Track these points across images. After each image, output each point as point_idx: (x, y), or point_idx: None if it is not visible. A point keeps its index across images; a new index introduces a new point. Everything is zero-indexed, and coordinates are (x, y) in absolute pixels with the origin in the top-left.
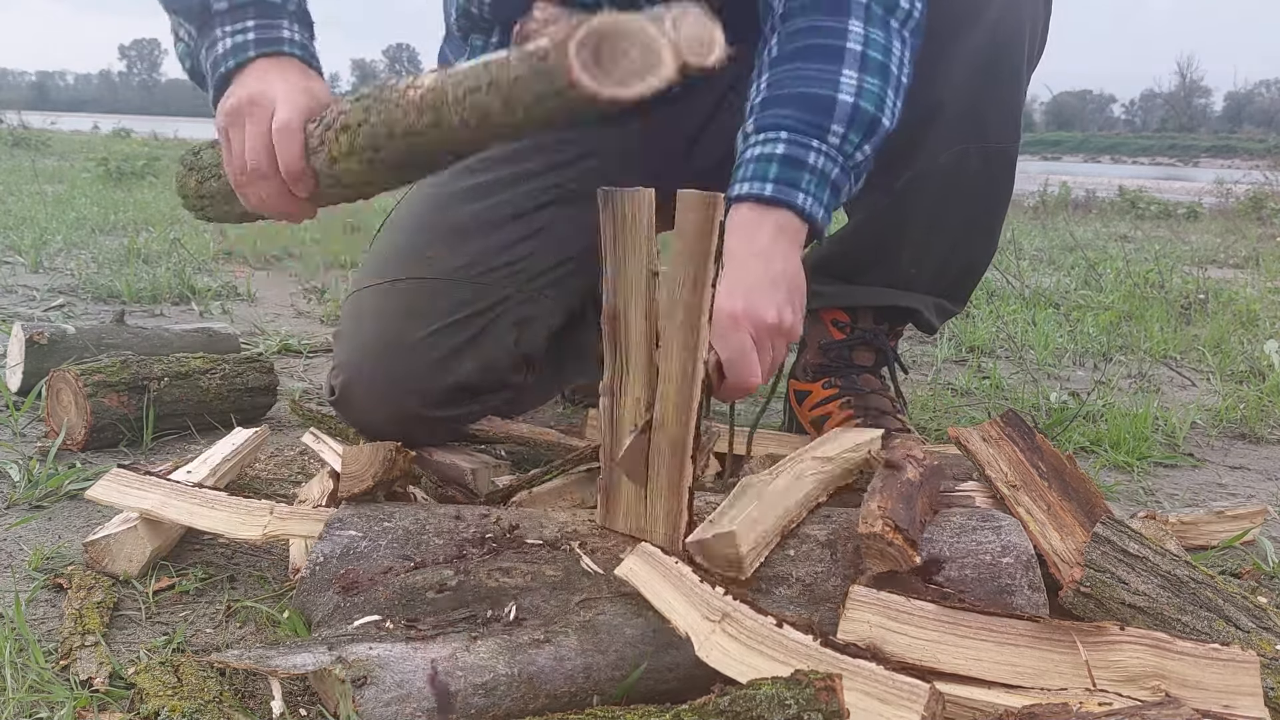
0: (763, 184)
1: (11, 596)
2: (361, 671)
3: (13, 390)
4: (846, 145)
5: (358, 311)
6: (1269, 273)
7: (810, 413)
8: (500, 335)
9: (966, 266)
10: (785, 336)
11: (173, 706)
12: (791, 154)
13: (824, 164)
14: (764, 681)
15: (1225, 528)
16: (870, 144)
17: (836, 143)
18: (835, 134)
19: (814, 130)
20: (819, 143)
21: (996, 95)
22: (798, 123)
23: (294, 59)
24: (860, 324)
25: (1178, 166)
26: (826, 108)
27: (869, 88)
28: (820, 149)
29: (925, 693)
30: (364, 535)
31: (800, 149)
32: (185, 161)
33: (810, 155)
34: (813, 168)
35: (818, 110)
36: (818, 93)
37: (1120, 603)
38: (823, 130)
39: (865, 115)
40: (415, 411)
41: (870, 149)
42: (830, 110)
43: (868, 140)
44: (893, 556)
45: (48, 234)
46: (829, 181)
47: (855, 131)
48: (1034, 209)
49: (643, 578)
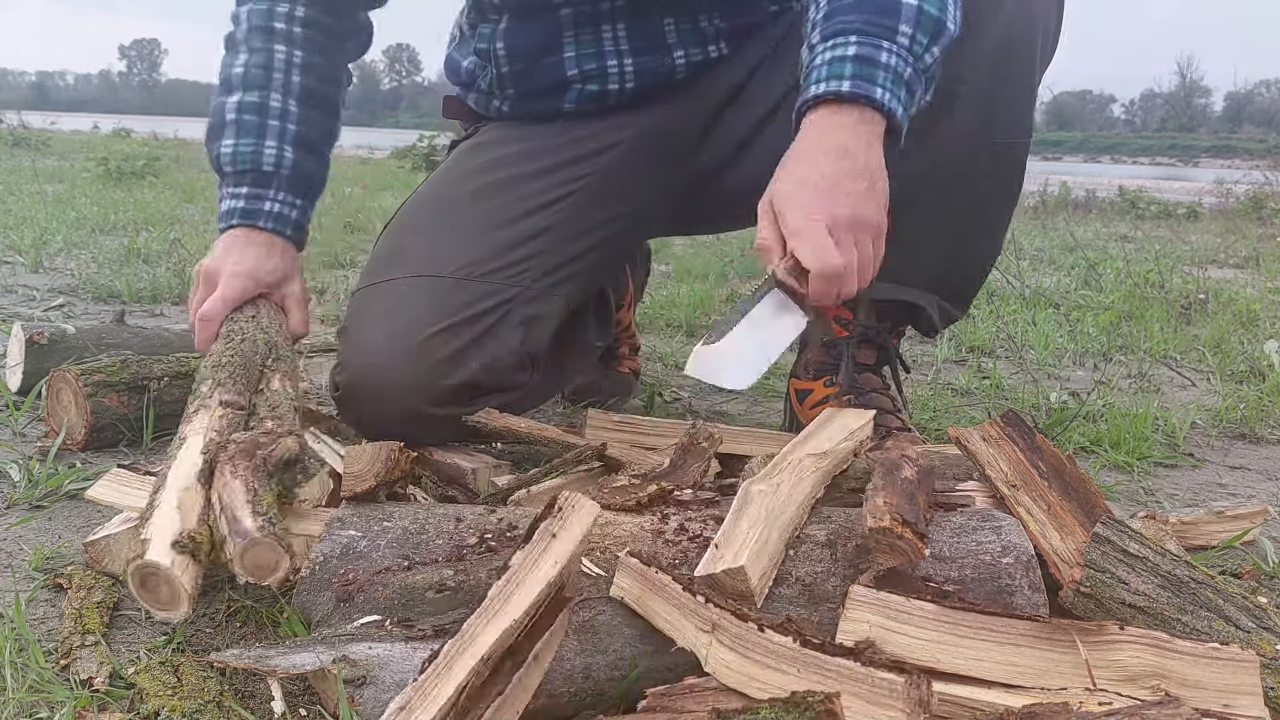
0: (839, 81)
1: (11, 596)
2: (361, 671)
3: (13, 390)
4: (916, 46)
5: (363, 309)
6: (1269, 273)
7: (811, 411)
8: (506, 334)
9: (970, 267)
10: (870, 231)
11: (173, 706)
12: (864, 54)
13: (897, 63)
14: (762, 706)
15: (1225, 528)
16: (938, 47)
17: (906, 44)
18: (904, 34)
19: (883, 31)
20: (889, 43)
21: (1008, 94)
22: (866, 24)
23: (264, 233)
24: (862, 321)
25: (1178, 166)
26: (892, 9)
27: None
28: (891, 49)
29: (900, 685)
30: (363, 535)
31: (872, 49)
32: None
33: (883, 54)
34: (886, 66)
35: (884, 12)
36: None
37: (1120, 603)
38: (891, 31)
39: (930, 17)
40: (419, 410)
41: (939, 51)
42: (896, 12)
43: (935, 43)
44: (903, 550)
45: (48, 234)
46: (904, 81)
47: (923, 33)
48: (1034, 209)
49: (635, 595)
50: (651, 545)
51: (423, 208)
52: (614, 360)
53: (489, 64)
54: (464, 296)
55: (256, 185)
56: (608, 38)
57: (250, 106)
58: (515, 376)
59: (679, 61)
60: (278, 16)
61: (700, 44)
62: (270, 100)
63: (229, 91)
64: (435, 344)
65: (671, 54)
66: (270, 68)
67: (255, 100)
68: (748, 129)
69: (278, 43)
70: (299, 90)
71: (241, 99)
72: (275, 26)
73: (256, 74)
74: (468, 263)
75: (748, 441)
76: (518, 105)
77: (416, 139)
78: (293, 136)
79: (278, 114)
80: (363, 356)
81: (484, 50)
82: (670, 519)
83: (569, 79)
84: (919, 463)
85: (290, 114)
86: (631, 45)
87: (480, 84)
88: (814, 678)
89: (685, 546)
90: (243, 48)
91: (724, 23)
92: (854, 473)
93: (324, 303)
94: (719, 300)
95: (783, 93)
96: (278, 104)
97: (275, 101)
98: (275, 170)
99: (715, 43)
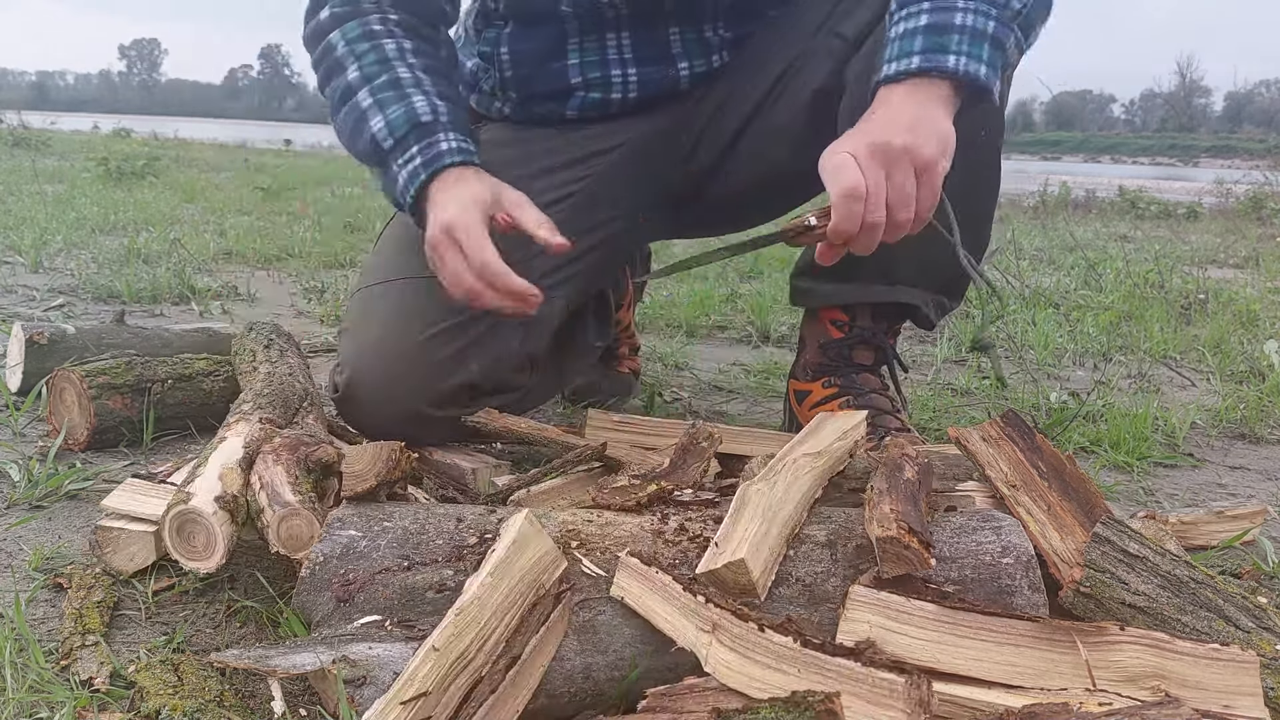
0: (909, 59)
1: (11, 596)
2: (361, 671)
3: (13, 390)
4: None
5: (364, 309)
6: (1269, 273)
7: (810, 412)
8: (506, 335)
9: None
10: (911, 160)
11: (173, 706)
12: (936, 21)
13: (974, 20)
14: (762, 706)
15: (1225, 528)
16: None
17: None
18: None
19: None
20: (965, 1)
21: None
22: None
23: (454, 169)
24: (859, 322)
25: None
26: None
27: None
28: (968, 6)
29: (900, 686)
30: (364, 535)
31: (944, 13)
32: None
33: (956, 16)
34: (961, 27)
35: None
36: None
37: (1120, 603)
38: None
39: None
40: (419, 411)
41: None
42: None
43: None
44: (909, 559)
45: (48, 234)
46: (986, 36)
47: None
48: (1034, 209)
49: (635, 595)
50: (651, 545)
51: None
52: (614, 360)
53: (492, 67)
54: None
55: (423, 137)
56: (612, 46)
57: (382, 86)
58: (515, 377)
59: (683, 73)
60: (371, 23)
61: (705, 54)
62: (399, 74)
63: (352, 94)
64: (435, 345)
65: (676, 65)
66: (386, 58)
67: (385, 79)
68: (733, 130)
69: (383, 39)
70: (422, 66)
71: (371, 87)
72: (374, 29)
73: (374, 68)
74: None
75: (748, 441)
76: (520, 109)
77: None
78: (435, 93)
79: (411, 82)
80: (362, 357)
81: (488, 54)
82: (670, 519)
83: (572, 86)
84: (919, 461)
85: (423, 80)
86: (636, 54)
87: (483, 85)
88: (814, 678)
89: (685, 546)
90: (350, 60)
91: (728, 32)
92: (853, 472)
93: (324, 303)
94: (719, 300)
95: (766, 89)
96: (407, 75)
97: (404, 73)
98: (434, 118)
99: (719, 52)
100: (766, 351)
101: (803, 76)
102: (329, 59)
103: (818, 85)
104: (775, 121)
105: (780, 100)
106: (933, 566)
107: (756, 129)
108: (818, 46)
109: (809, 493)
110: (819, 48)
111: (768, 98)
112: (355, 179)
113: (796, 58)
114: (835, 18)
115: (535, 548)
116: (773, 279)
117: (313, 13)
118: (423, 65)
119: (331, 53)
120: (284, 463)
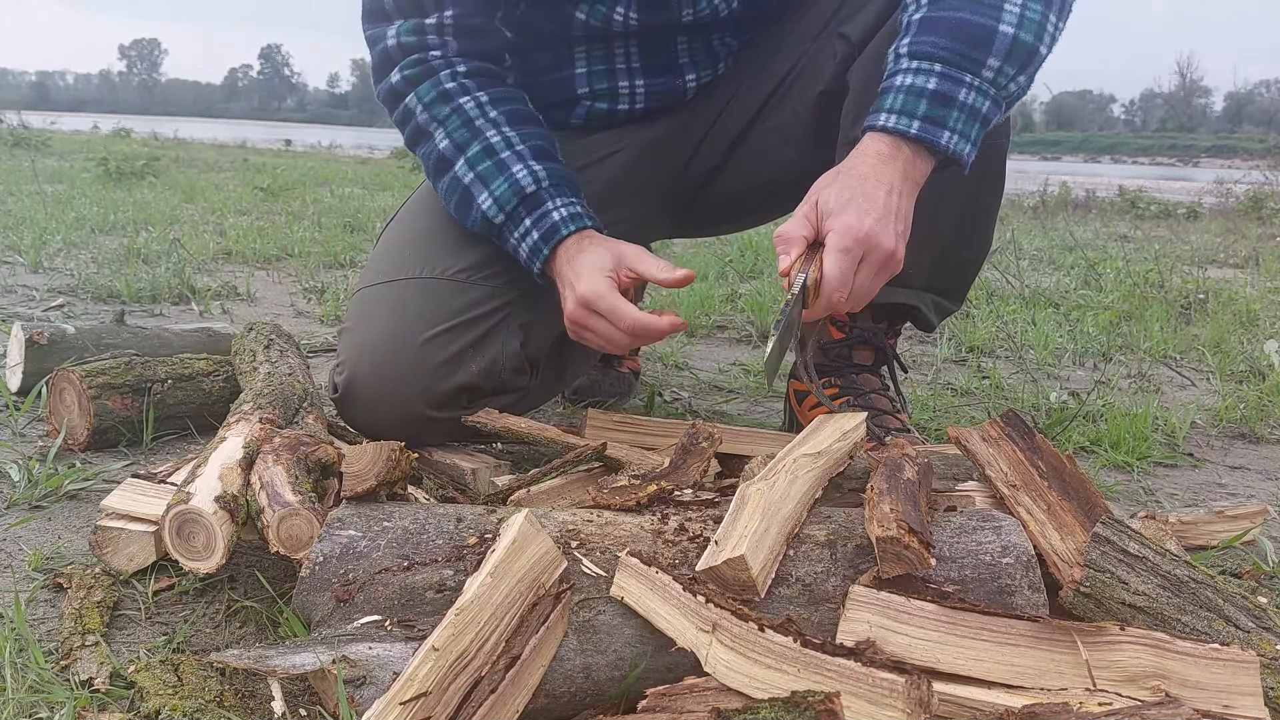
0: (910, 120)
1: (11, 596)
2: (361, 671)
3: (12, 390)
4: (1001, 78)
5: (363, 310)
6: (1269, 273)
7: (810, 413)
8: (506, 337)
9: (962, 262)
10: (890, 272)
11: (173, 706)
12: (943, 90)
13: (974, 99)
14: (762, 706)
15: (1225, 528)
16: (1026, 74)
17: (991, 76)
18: (990, 68)
19: (969, 64)
20: (972, 77)
21: None
22: (953, 55)
23: (575, 234)
24: (859, 323)
25: (1178, 166)
26: (985, 40)
27: (1030, 15)
28: (973, 84)
29: (901, 685)
30: (363, 535)
31: (952, 84)
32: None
33: (961, 91)
34: (962, 104)
35: (976, 43)
36: (978, 21)
37: (1120, 603)
38: (978, 65)
39: (1024, 47)
40: (418, 412)
41: (1025, 80)
42: (989, 44)
43: (1023, 72)
44: (909, 560)
45: (48, 234)
46: (979, 116)
47: (1011, 64)
48: (1034, 209)
49: (635, 594)
50: (651, 545)
51: (422, 209)
52: (614, 360)
53: None
54: (463, 299)
55: (533, 208)
56: (619, 55)
57: (478, 157)
58: (515, 379)
59: (690, 84)
60: (444, 81)
61: (711, 64)
62: (490, 140)
63: (450, 165)
64: (434, 346)
65: (683, 75)
66: (470, 120)
67: (478, 150)
68: (736, 131)
69: (460, 98)
70: (505, 119)
71: (467, 159)
72: (448, 88)
73: (462, 133)
74: (467, 265)
75: (748, 441)
76: None
77: None
78: (530, 153)
79: (503, 145)
80: (362, 358)
81: None
82: (670, 519)
83: (578, 96)
84: (919, 461)
85: (512, 139)
86: (644, 64)
87: None
88: (814, 678)
89: (685, 546)
90: (434, 125)
91: (734, 40)
92: (853, 472)
93: (324, 303)
94: (719, 300)
95: (770, 91)
96: (498, 138)
97: (495, 138)
98: (538, 186)
99: (725, 60)
100: (767, 351)
101: (806, 79)
102: (412, 123)
103: (822, 88)
104: (779, 123)
105: (784, 102)
106: (933, 566)
107: (760, 130)
108: (821, 49)
109: (809, 492)
110: (822, 50)
111: (771, 99)
112: (355, 179)
113: (800, 60)
114: (839, 20)
115: (535, 548)
116: (772, 279)
117: (382, 73)
118: (506, 117)
119: (412, 118)
120: (284, 463)
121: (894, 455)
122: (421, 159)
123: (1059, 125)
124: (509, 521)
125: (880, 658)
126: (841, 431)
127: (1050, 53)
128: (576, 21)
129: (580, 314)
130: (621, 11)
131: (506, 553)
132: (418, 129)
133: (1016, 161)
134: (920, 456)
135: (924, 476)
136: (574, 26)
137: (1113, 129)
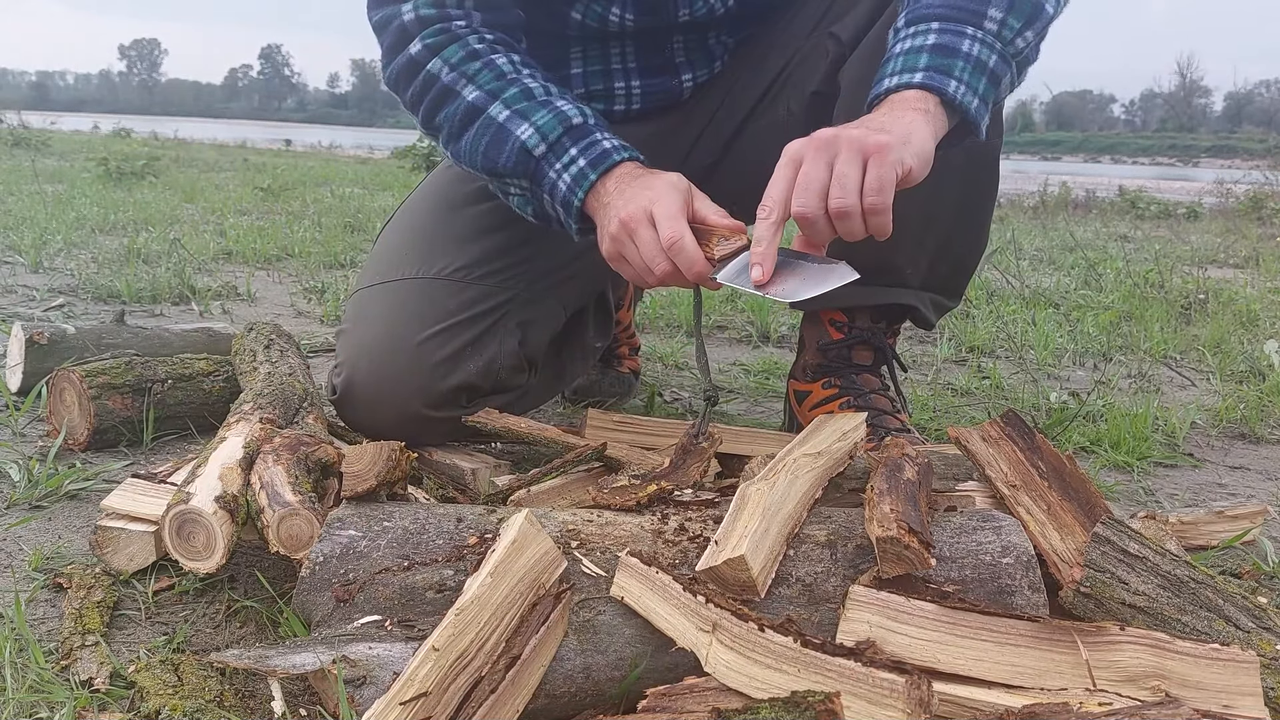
0: (911, 73)
1: (11, 596)
2: (361, 671)
3: (12, 390)
4: (1005, 30)
5: (361, 310)
6: (1269, 273)
7: (810, 413)
8: (504, 337)
9: (959, 261)
10: (856, 148)
11: (173, 706)
12: (943, 42)
13: (980, 51)
14: (762, 706)
15: (1225, 528)
16: (1033, 30)
17: (994, 29)
18: (993, 19)
19: (969, 17)
20: (974, 29)
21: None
22: (950, 10)
23: (626, 163)
24: (858, 323)
25: (1178, 166)
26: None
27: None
28: (976, 35)
29: (901, 685)
30: (364, 535)
31: (954, 36)
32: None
33: (964, 42)
34: (967, 54)
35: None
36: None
37: (1120, 603)
38: (979, 16)
39: (1026, 0)
40: (417, 412)
41: (1033, 36)
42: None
43: (1030, 27)
44: (909, 560)
45: (48, 234)
46: (986, 69)
47: (1015, 16)
48: (1034, 209)
49: (635, 594)
50: (651, 545)
51: (421, 209)
52: (614, 360)
53: None
54: (461, 298)
55: (580, 138)
56: (615, 54)
57: (515, 98)
58: (513, 378)
59: (686, 84)
60: (472, 43)
61: (707, 63)
62: (527, 84)
63: (480, 112)
64: (432, 346)
65: (679, 75)
66: (503, 73)
67: (515, 91)
68: (732, 129)
69: (490, 55)
70: (543, 77)
71: (503, 100)
72: (477, 48)
73: (497, 82)
74: (465, 265)
75: (748, 441)
76: None
77: (416, 139)
78: (572, 99)
79: (543, 91)
80: (360, 358)
81: None
82: (670, 519)
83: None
84: (919, 460)
85: (551, 89)
86: (640, 65)
87: None
88: (814, 678)
89: (685, 546)
90: (462, 82)
91: (730, 38)
92: (853, 472)
93: (324, 303)
94: (719, 300)
95: (763, 90)
96: (536, 85)
97: (532, 84)
98: (584, 120)
99: (720, 58)
100: (766, 351)
101: (799, 76)
102: (434, 89)
103: (814, 88)
104: (774, 120)
105: (779, 99)
106: (933, 566)
107: (755, 128)
108: (813, 48)
109: (809, 493)
110: (814, 49)
111: (765, 96)
112: (355, 179)
113: (793, 56)
114: (829, 19)
115: (535, 548)
116: None
117: (396, 49)
118: (543, 76)
119: (435, 82)
120: (284, 463)
121: (894, 455)
122: (442, 126)
123: (1059, 125)
124: (509, 521)
125: (880, 658)
126: (842, 431)
127: (1058, 14)
128: (572, 21)
129: (638, 216)
130: (617, 12)
131: (506, 553)
132: (442, 91)
133: (1016, 161)
134: (920, 456)
135: (924, 477)
136: (570, 26)
137: (1113, 129)
